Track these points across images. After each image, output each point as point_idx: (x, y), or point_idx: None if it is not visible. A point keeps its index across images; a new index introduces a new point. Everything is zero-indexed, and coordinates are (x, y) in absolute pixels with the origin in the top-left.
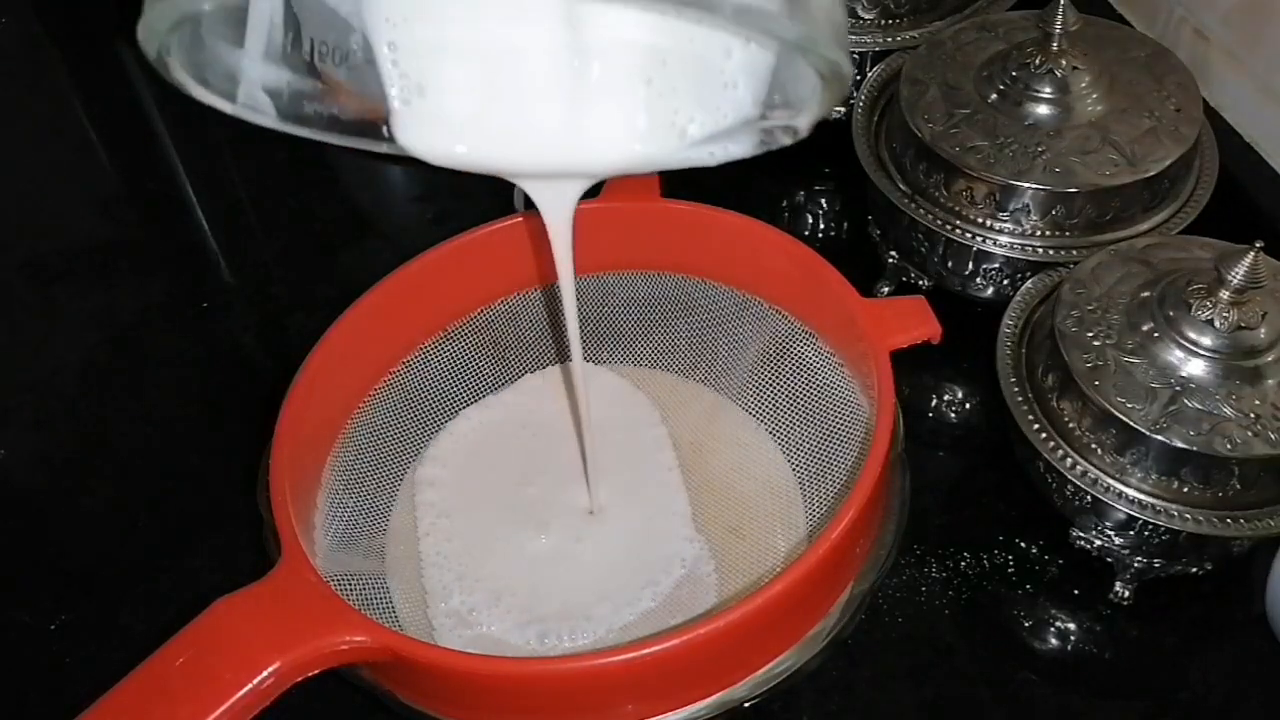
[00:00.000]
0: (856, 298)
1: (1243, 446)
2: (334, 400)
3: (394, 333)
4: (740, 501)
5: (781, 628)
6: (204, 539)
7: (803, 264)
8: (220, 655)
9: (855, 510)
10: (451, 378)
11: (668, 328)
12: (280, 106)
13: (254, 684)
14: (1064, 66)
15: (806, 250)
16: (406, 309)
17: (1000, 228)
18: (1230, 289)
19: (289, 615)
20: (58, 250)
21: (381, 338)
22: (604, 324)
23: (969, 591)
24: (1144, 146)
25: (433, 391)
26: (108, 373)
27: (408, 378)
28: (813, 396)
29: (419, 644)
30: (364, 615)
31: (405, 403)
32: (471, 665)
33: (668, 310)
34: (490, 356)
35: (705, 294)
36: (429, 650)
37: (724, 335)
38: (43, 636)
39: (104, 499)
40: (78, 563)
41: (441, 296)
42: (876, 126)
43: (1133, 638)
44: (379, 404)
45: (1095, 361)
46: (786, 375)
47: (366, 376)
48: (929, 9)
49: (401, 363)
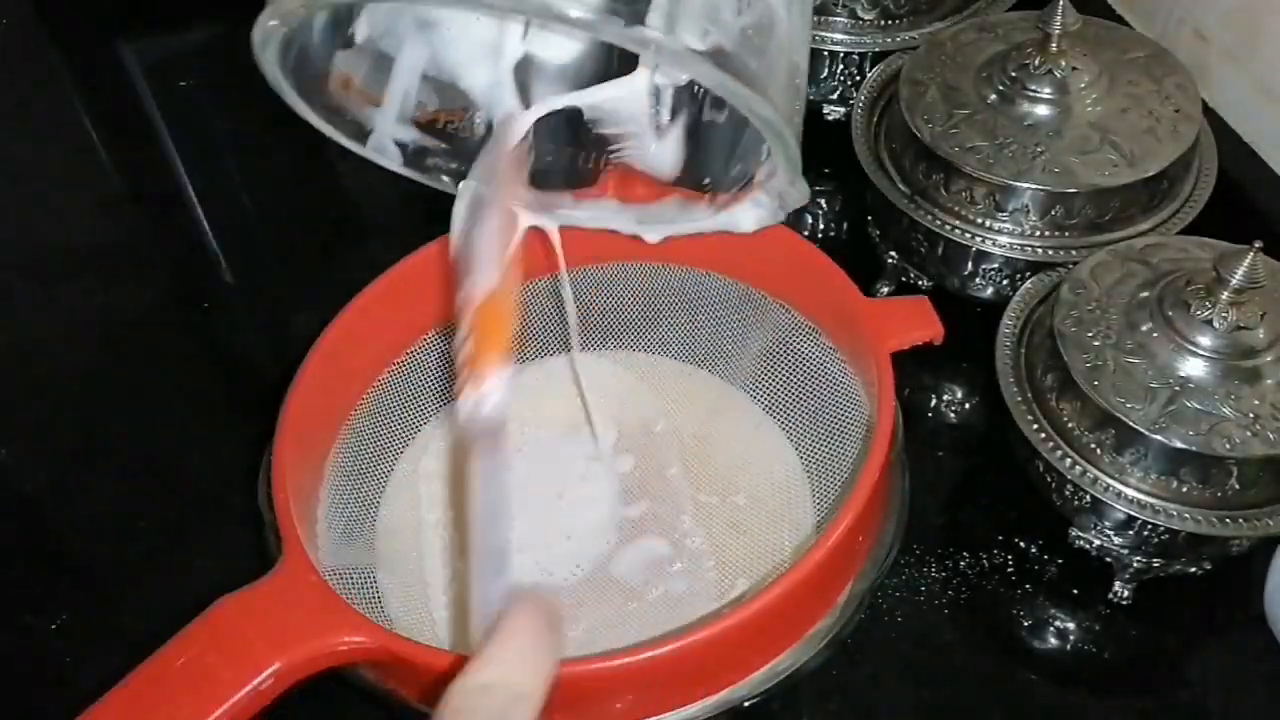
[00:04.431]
0: (858, 296)
1: (1241, 446)
2: (334, 397)
3: (394, 327)
4: (742, 496)
5: (780, 629)
6: (204, 539)
7: (805, 261)
8: (221, 655)
9: (854, 513)
10: (451, 370)
11: (671, 319)
12: (406, 156)
13: (254, 684)
14: (1063, 67)
15: (809, 247)
16: (405, 304)
17: (999, 228)
18: (1229, 289)
19: (290, 615)
20: (58, 250)
21: (381, 333)
22: (606, 314)
23: (968, 591)
24: (1143, 147)
25: (433, 384)
26: (108, 373)
27: (407, 371)
28: (816, 392)
29: (417, 645)
30: (364, 616)
31: (406, 396)
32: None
33: (671, 302)
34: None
35: (709, 286)
36: (426, 652)
37: (728, 328)
38: (43, 636)
39: (104, 499)
40: (78, 563)
41: (442, 291)
42: (876, 127)
43: (1132, 637)
44: (380, 398)
45: (1094, 361)
46: (791, 371)
47: (366, 372)
48: (928, 10)
49: (401, 356)
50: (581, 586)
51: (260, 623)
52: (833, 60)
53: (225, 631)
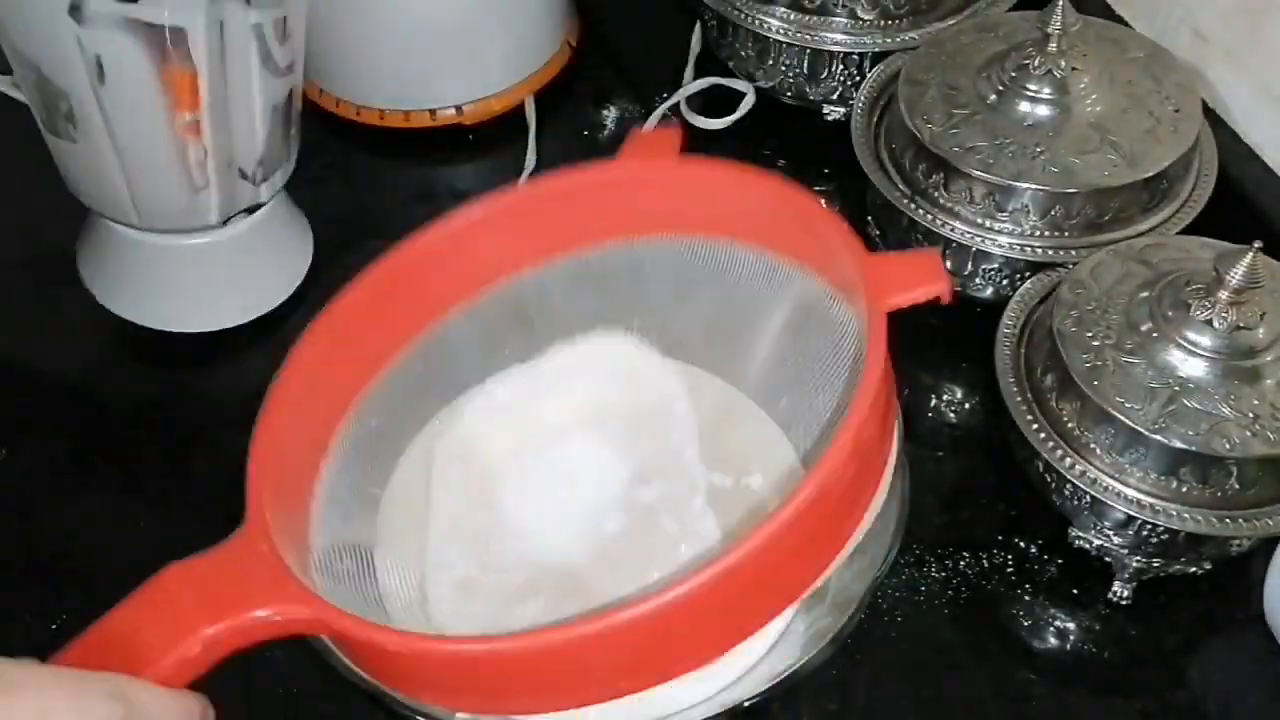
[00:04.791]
0: (856, 246)
1: (1241, 446)
2: (342, 368)
3: (408, 304)
4: (757, 477)
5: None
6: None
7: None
8: (155, 621)
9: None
10: (475, 348)
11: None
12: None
13: (180, 652)
14: (1063, 67)
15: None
16: (422, 277)
17: (999, 228)
18: (1229, 289)
19: (229, 584)
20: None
21: (393, 311)
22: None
23: (968, 591)
24: (1143, 147)
25: (457, 363)
26: (108, 373)
27: (426, 352)
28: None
29: (357, 620)
30: (307, 588)
31: (426, 375)
32: (405, 644)
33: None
34: (515, 326)
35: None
36: (368, 628)
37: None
38: (43, 637)
39: (104, 499)
40: (78, 563)
41: (469, 261)
42: (876, 127)
43: (1131, 637)
44: (399, 377)
45: (1094, 361)
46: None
47: (378, 350)
48: (928, 10)
49: (417, 337)
50: (587, 567)
51: (198, 590)
52: (833, 60)
53: (161, 598)
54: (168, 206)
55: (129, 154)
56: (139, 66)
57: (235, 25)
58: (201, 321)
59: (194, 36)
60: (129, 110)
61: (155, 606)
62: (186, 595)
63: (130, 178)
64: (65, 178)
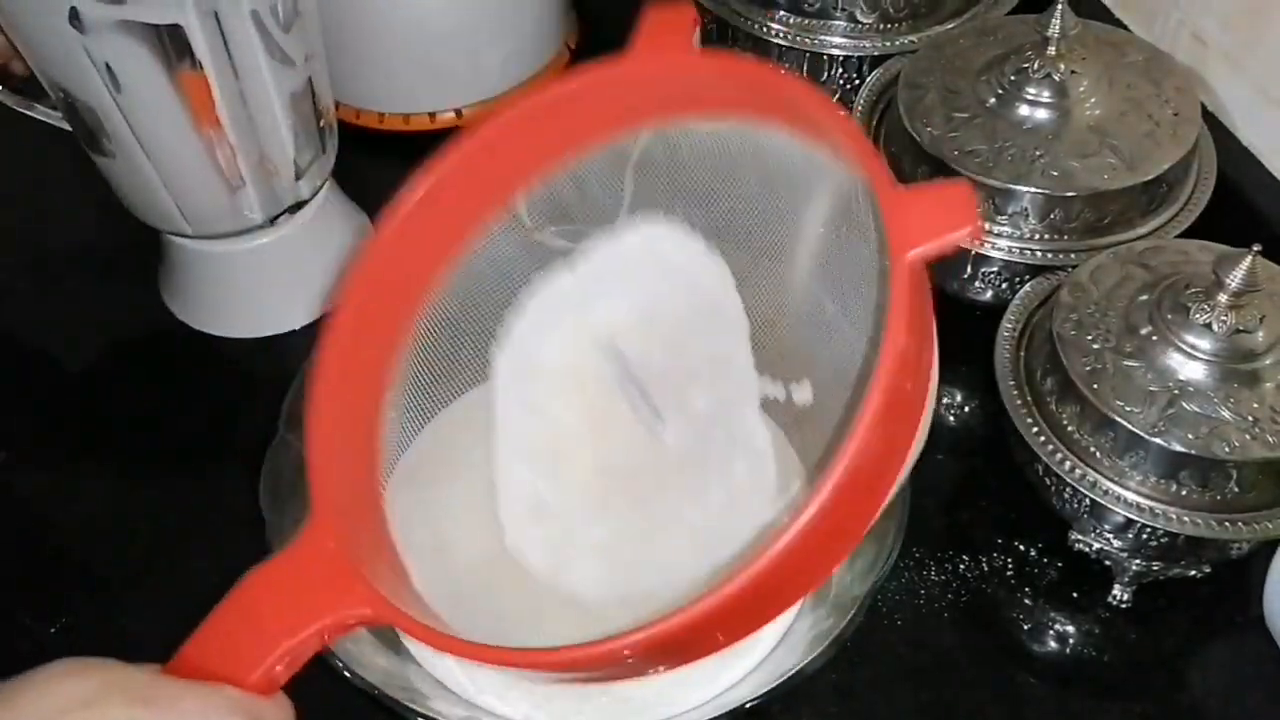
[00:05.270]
0: (878, 170)
1: (1241, 449)
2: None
3: (444, 228)
4: (806, 388)
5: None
6: (204, 540)
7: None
8: (247, 633)
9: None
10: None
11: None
12: None
13: (269, 664)
14: (1062, 70)
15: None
16: (455, 197)
17: (999, 231)
18: (1228, 292)
19: (306, 591)
20: (58, 250)
21: (430, 237)
22: (666, 184)
23: (968, 594)
24: (1142, 150)
25: (506, 271)
26: (108, 373)
27: (470, 270)
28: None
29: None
30: (370, 586)
31: (475, 292)
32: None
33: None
34: (557, 219)
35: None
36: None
37: (782, 189)
38: (44, 638)
39: (104, 499)
40: (78, 563)
41: (503, 166)
42: (875, 130)
43: (1131, 640)
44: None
45: (1094, 365)
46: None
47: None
48: (927, 13)
49: (458, 257)
50: (651, 487)
51: (279, 598)
52: (832, 64)
53: (250, 608)
54: (211, 210)
55: (161, 160)
56: (148, 69)
57: (231, 15)
58: (275, 324)
59: (191, 32)
60: (150, 115)
61: (244, 617)
62: (268, 604)
63: (169, 184)
64: (120, 198)
